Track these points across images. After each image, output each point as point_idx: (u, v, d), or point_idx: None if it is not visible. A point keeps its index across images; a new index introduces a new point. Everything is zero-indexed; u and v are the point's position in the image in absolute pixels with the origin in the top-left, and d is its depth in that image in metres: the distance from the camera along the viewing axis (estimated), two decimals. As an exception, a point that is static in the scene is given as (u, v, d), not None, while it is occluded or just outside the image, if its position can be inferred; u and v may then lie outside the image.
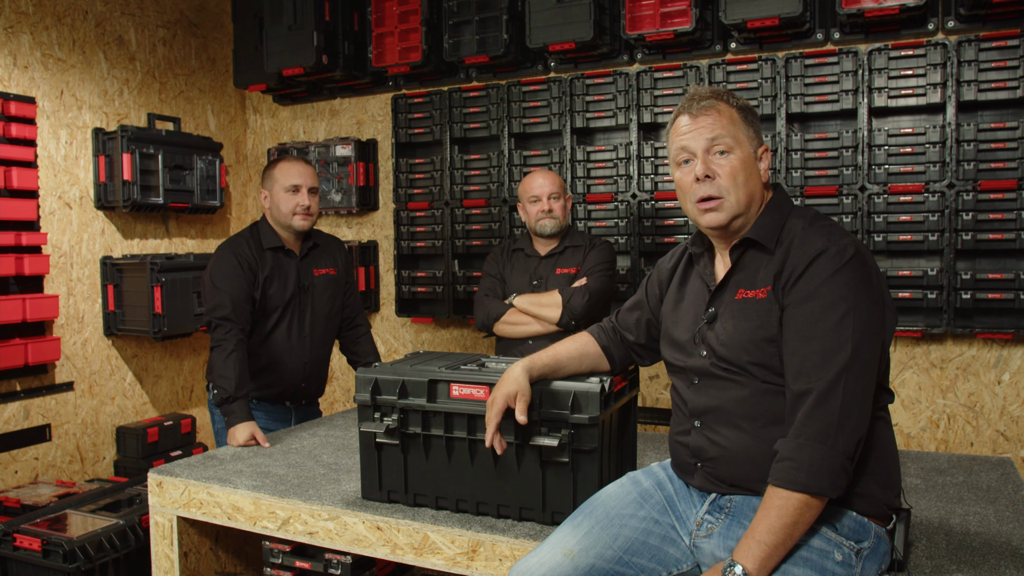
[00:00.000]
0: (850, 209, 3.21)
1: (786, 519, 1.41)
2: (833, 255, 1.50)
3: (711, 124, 1.60)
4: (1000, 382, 3.15)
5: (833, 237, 1.53)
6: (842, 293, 1.47)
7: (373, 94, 4.30)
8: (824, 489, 1.42)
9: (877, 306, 1.51)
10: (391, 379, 1.98)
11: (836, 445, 1.42)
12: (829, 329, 1.46)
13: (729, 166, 1.59)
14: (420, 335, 4.29)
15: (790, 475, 1.42)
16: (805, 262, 1.51)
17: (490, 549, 1.83)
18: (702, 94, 1.65)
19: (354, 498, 2.07)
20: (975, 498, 2.00)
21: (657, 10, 3.34)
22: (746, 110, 1.65)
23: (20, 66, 3.44)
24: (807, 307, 1.49)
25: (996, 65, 3.01)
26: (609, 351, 1.93)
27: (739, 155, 1.60)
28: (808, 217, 1.61)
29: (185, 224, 4.24)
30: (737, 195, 1.60)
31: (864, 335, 1.47)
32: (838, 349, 1.45)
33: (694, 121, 1.62)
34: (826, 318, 1.47)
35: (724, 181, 1.59)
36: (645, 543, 1.61)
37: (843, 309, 1.46)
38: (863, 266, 1.50)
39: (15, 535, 2.69)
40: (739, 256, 1.64)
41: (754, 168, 1.62)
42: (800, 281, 1.51)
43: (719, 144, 1.60)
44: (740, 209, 1.60)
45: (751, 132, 1.64)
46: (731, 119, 1.61)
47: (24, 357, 3.32)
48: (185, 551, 2.32)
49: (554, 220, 3.01)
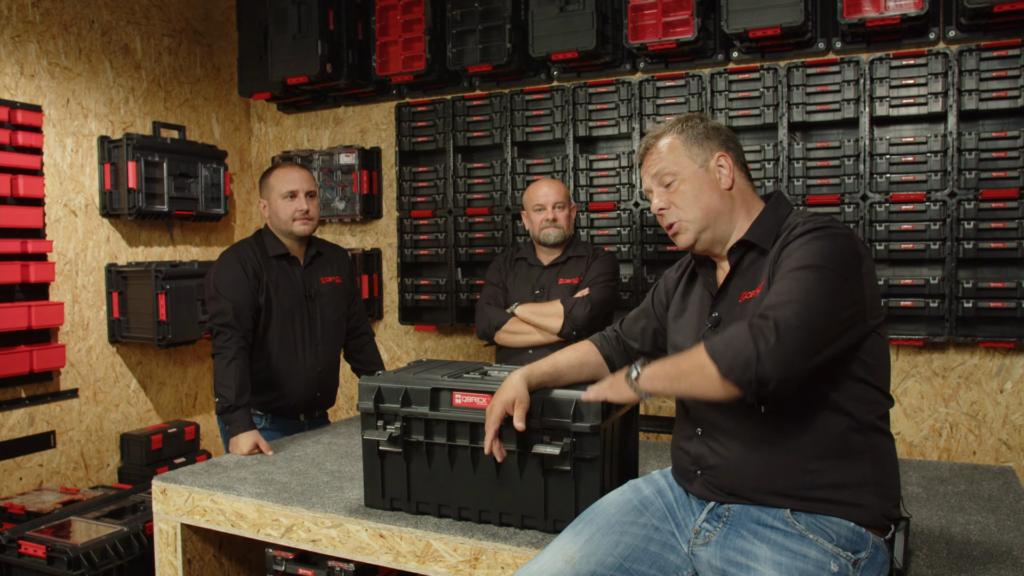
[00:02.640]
0: (852, 218, 3.22)
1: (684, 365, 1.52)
2: (815, 232, 1.52)
3: (652, 162, 1.72)
4: (1002, 391, 3.15)
5: (826, 222, 1.55)
6: (813, 252, 1.48)
7: (377, 102, 4.32)
8: (733, 374, 1.40)
9: (851, 273, 1.49)
10: (394, 387, 1.99)
11: (767, 343, 1.37)
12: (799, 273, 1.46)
13: (677, 193, 1.68)
14: (423, 343, 4.30)
15: (713, 341, 1.46)
16: (792, 240, 1.54)
17: (492, 557, 1.84)
18: (648, 135, 1.77)
19: (357, 506, 2.07)
20: (976, 507, 2.01)
21: (659, 19, 3.36)
22: (688, 130, 1.70)
23: (27, 75, 3.47)
24: (783, 267, 1.50)
25: (997, 74, 3.02)
26: (611, 360, 1.95)
27: (682, 178, 1.68)
28: (807, 215, 1.63)
29: (190, 232, 4.26)
30: (693, 213, 1.67)
31: (831, 291, 1.44)
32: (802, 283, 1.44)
33: (643, 166, 1.76)
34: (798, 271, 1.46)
35: (678, 207, 1.68)
36: (646, 550, 1.62)
37: (815, 266, 1.46)
38: (846, 240, 1.51)
39: (20, 542, 2.70)
40: (737, 260, 1.66)
41: (705, 180, 1.67)
42: (785, 257, 1.53)
43: (663, 178, 1.70)
44: (701, 224, 1.67)
45: (696, 150, 1.69)
46: (671, 148, 1.70)
47: (29, 364, 3.34)
48: (189, 558, 2.33)
49: (558, 229, 3.02)
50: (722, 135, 1.71)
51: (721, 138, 1.71)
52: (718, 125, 1.73)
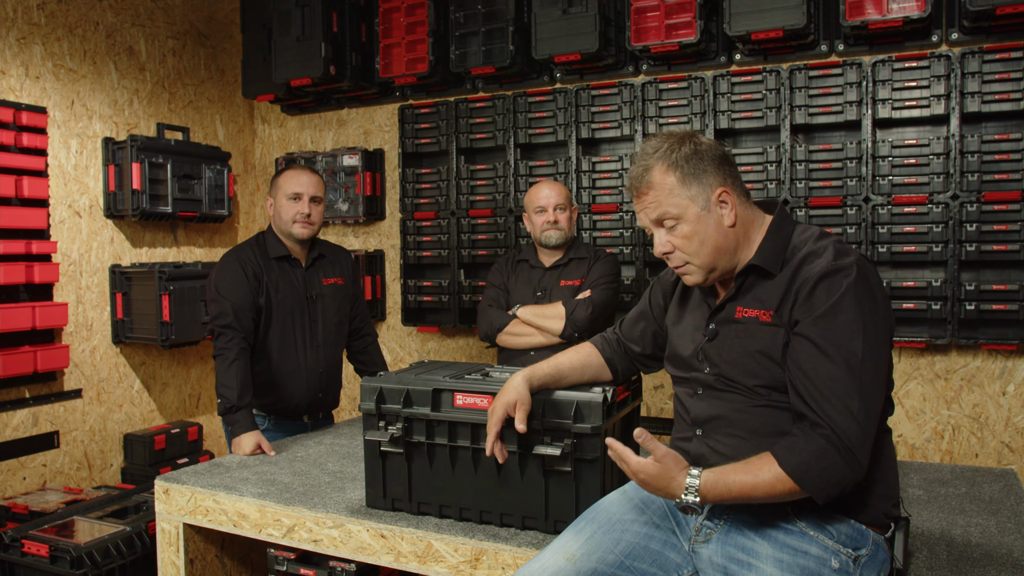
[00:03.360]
0: (854, 220, 3.22)
1: (768, 498, 1.47)
2: (840, 275, 1.49)
3: (651, 203, 1.62)
4: (1005, 393, 3.15)
5: (839, 256, 1.52)
6: (851, 315, 1.47)
7: (380, 104, 4.33)
8: (822, 499, 1.43)
9: (884, 325, 1.52)
10: (396, 388, 1.99)
11: (852, 462, 1.43)
12: (843, 355, 1.46)
13: (681, 238, 1.62)
14: (426, 344, 4.31)
15: (802, 470, 1.43)
16: (812, 281, 1.51)
17: (493, 557, 1.84)
18: (636, 170, 1.65)
19: (359, 506, 2.08)
20: (977, 509, 2.01)
21: (662, 22, 3.37)
22: (684, 165, 1.60)
23: (32, 76, 3.49)
24: (817, 327, 1.48)
25: (1000, 77, 3.02)
26: (612, 362, 1.95)
27: (687, 221, 1.60)
28: (813, 236, 1.61)
29: (193, 233, 4.28)
30: (701, 258, 1.62)
31: (875, 358, 1.48)
32: (853, 374, 1.45)
33: (638, 201, 1.66)
34: (838, 342, 1.47)
35: (682, 251, 1.63)
36: (647, 548, 1.63)
37: (853, 333, 1.46)
38: (868, 284, 1.51)
39: (23, 541, 2.71)
40: (742, 282, 1.64)
41: (709, 221, 1.60)
42: (809, 301, 1.51)
43: (666, 220, 1.62)
44: (711, 265, 1.63)
45: (695, 189, 1.59)
46: (668, 190, 1.60)
47: (33, 364, 3.36)
48: (191, 558, 2.34)
49: (559, 231, 3.02)
50: (716, 161, 1.61)
51: (715, 165, 1.61)
52: (710, 145, 1.63)
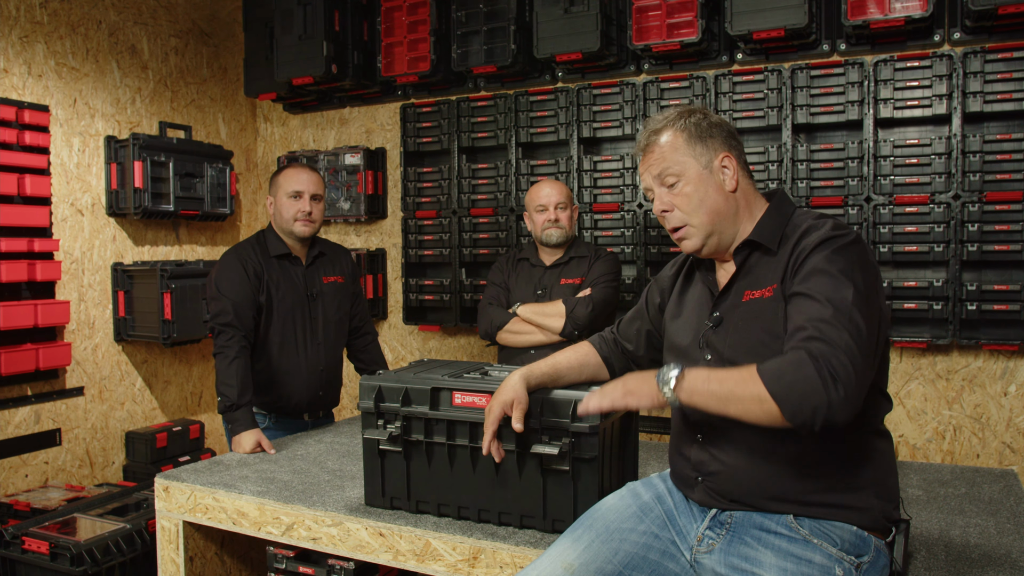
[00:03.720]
0: (855, 220, 3.22)
1: (737, 392, 1.42)
2: (835, 241, 1.51)
3: (655, 160, 1.66)
4: (1006, 394, 3.14)
5: (837, 228, 1.54)
6: (841, 269, 1.46)
7: (382, 103, 4.34)
8: (781, 399, 1.37)
9: (876, 287, 1.51)
10: (394, 387, 2.00)
11: (827, 380, 1.35)
12: (833, 298, 1.43)
13: (681, 195, 1.64)
14: (427, 343, 4.31)
15: (774, 374, 1.39)
16: (809, 249, 1.52)
17: (491, 556, 1.84)
18: (647, 131, 1.70)
19: (357, 504, 2.08)
20: (976, 510, 2.00)
21: (663, 21, 3.36)
22: (690, 128, 1.65)
23: (34, 75, 3.50)
24: (809, 282, 1.48)
25: (1002, 77, 3.01)
26: (609, 361, 1.94)
27: (687, 180, 1.63)
28: (812, 215, 1.63)
29: (196, 231, 4.28)
30: (699, 218, 1.63)
31: (866, 308, 1.44)
32: (841, 313, 1.41)
33: (644, 160, 1.70)
34: (828, 291, 1.45)
35: (681, 210, 1.65)
36: (645, 558, 1.61)
37: (844, 284, 1.45)
38: (863, 250, 1.52)
39: (23, 538, 2.72)
40: (743, 259, 1.64)
41: (710, 183, 1.63)
42: (804, 264, 1.51)
43: (666, 178, 1.65)
44: (708, 229, 1.63)
45: (699, 149, 1.64)
46: (673, 147, 1.64)
47: (35, 362, 3.36)
48: (191, 556, 2.34)
49: (560, 230, 3.02)
50: (724, 131, 1.67)
51: (723, 135, 1.66)
52: (720, 120, 1.69)
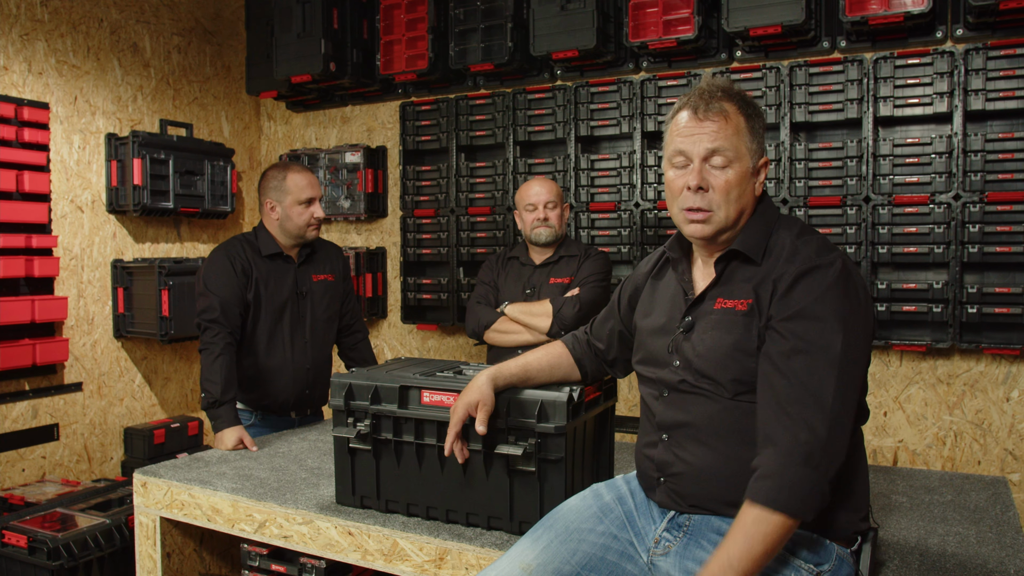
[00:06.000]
0: (854, 220, 3.15)
1: (768, 544, 1.34)
2: (822, 272, 1.45)
3: (714, 132, 1.51)
4: (1008, 399, 3.06)
5: (822, 252, 1.48)
6: (831, 312, 1.42)
7: (383, 101, 4.33)
8: (806, 514, 1.36)
9: (865, 327, 1.47)
10: (364, 384, 1.98)
11: (820, 468, 1.36)
12: (819, 352, 1.41)
13: (725, 180, 1.51)
14: (426, 342, 4.30)
15: (772, 494, 1.35)
16: (792, 275, 1.46)
17: (457, 557, 1.82)
18: (712, 91, 1.54)
19: (329, 503, 2.07)
20: (959, 518, 1.95)
21: (660, 18, 3.32)
22: (755, 118, 1.56)
23: (35, 72, 3.52)
24: (795, 324, 1.44)
25: (1004, 74, 2.94)
26: (582, 362, 1.90)
27: (737, 170, 1.52)
28: (795, 229, 1.57)
29: (197, 229, 4.30)
30: (727, 211, 1.53)
31: (853, 359, 1.42)
32: (828, 373, 1.40)
33: (698, 124, 1.52)
34: (816, 340, 1.41)
35: (717, 196, 1.52)
36: (603, 559, 1.58)
37: (833, 330, 1.41)
38: (851, 284, 1.46)
39: (4, 532, 2.73)
40: (723, 268, 1.59)
41: (750, 183, 1.55)
42: (788, 296, 1.46)
43: (719, 156, 1.51)
44: (728, 224, 1.55)
45: (755, 144, 1.55)
46: (737, 129, 1.52)
47: (32, 357, 3.39)
48: (168, 551, 2.34)
49: (550, 229, 2.99)
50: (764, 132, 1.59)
51: (764, 136, 1.58)
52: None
